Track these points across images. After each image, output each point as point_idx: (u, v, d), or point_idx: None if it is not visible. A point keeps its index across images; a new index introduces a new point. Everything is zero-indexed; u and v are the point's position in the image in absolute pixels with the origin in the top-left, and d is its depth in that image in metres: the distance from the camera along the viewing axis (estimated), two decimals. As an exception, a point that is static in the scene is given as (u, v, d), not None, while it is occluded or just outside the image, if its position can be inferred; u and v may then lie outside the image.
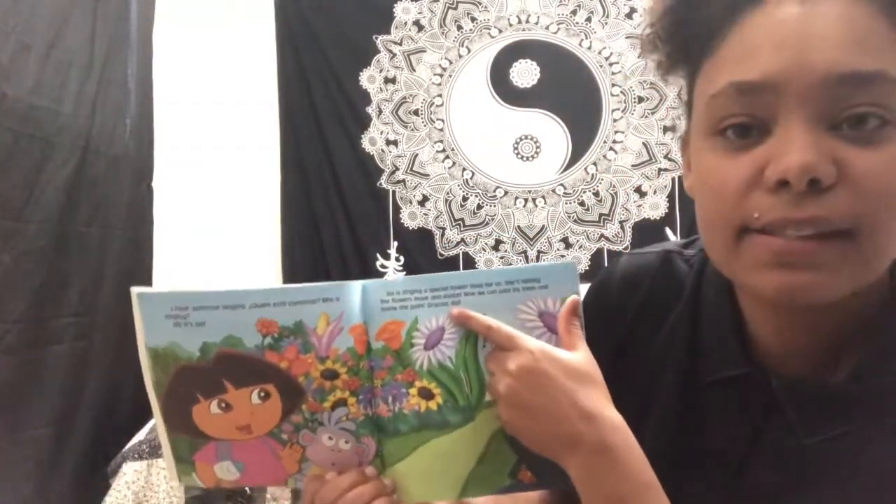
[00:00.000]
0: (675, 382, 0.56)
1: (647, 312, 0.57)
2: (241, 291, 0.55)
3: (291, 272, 2.40)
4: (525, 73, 2.38)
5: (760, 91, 0.43)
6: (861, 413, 0.46)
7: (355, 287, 0.57)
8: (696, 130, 0.48)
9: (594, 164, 2.37)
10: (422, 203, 2.43)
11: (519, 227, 2.41)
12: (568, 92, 2.37)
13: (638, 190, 2.36)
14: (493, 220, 2.41)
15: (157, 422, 0.60)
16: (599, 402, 0.50)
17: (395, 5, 2.42)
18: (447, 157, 2.42)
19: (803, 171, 0.41)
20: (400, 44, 2.42)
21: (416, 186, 2.43)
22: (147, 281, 2.06)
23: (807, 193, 0.41)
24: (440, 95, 2.42)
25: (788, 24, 0.42)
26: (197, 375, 0.56)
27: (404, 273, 2.33)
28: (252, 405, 0.57)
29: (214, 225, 2.29)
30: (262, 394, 0.57)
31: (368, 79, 2.43)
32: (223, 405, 0.57)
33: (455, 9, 2.41)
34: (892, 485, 0.44)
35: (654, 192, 2.35)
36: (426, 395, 0.57)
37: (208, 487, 0.61)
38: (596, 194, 2.38)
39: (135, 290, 0.55)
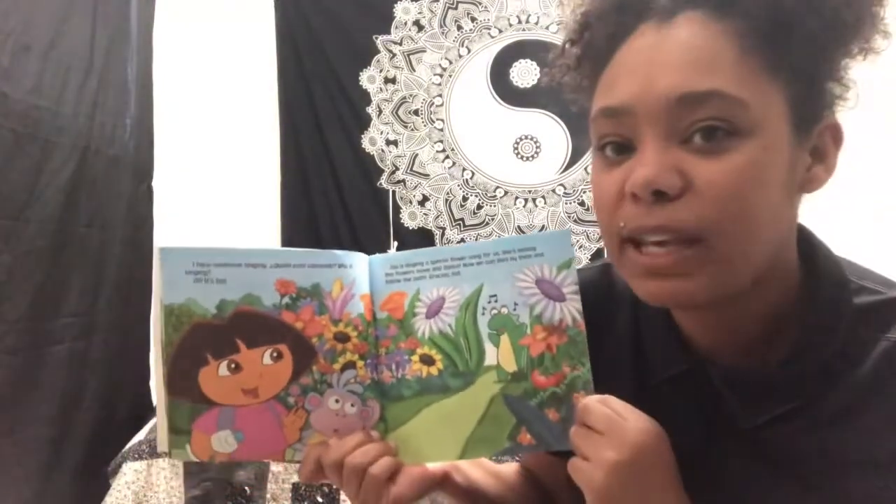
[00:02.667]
0: (628, 388, 0.57)
1: (595, 324, 0.58)
2: (264, 251, 0.58)
3: (291, 272, 2.40)
4: (525, 73, 2.38)
5: (621, 114, 0.48)
6: (796, 393, 0.50)
7: (364, 259, 0.62)
8: (591, 148, 0.54)
9: (594, 164, 2.37)
10: (422, 203, 2.43)
11: (519, 227, 2.41)
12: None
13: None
14: (493, 220, 2.41)
15: (157, 387, 0.59)
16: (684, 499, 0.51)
17: (395, 5, 2.42)
18: (447, 157, 2.42)
19: (646, 185, 0.45)
20: (400, 44, 2.42)
21: (416, 186, 2.43)
22: (147, 281, 2.07)
23: (656, 203, 0.46)
24: (440, 95, 2.42)
25: (642, 53, 0.47)
26: (210, 333, 0.57)
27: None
28: (262, 366, 0.58)
29: (214, 225, 2.29)
30: (275, 354, 0.58)
31: (368, 79, 2.42)
32: (233, 366, 0.58)
33: (455, 9, 2.41)
34: (835, 460, 0.47)
35: (654, 192, 2.35)
36: (427, 361, 0.60)
37: (200, 461, 0.59)
38: (596, 194, 2.37)
39: (158, 246, 0.57)
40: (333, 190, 2.42)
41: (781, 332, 0.51)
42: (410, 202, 2.42)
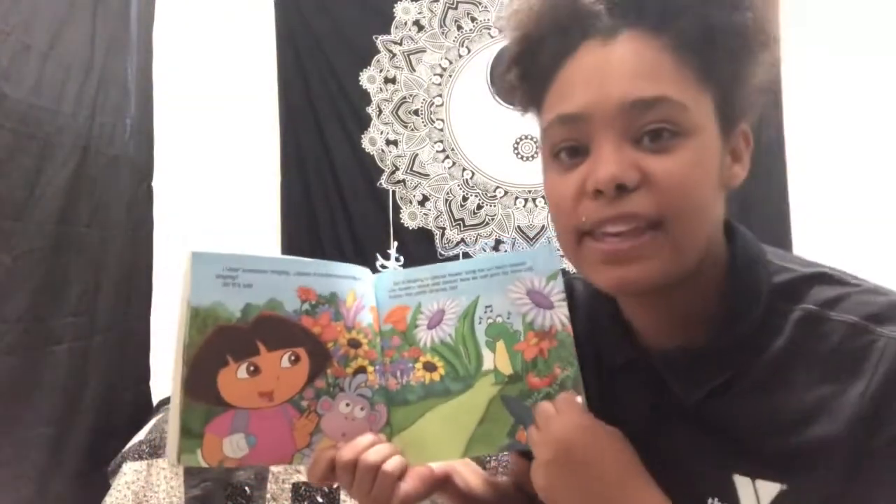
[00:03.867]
0: (592, 380, 0.64)
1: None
2: (288, 259, 0.63)
3: (291, 272, 2.40)
4: (525, 73, 2.38)
5: (577, 120, 0.53)
6: (725, 366, 0.55)
7: (369, 274, 0.67)
8: (543, 156, 0.59)
9: (594, 164, 2.37)
10: (422, 203, 2.43)
11: (519, 227, 2.41)
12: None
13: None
14: (493, 220, 2.41)
15: (173, 389, 0.59)
16: (646, 478, 0.56)
17: (395, 5, 2.42)
18: (447, 157, 2.42)
19: (611, 180, 0.51)
20: (400, 44, 2.42)
21: (416, 186, 2.43)
22: (147, 281, 2.07)
23: (617, 196, 0.52)
24: (440, 95, 2.42)
25: (593, 65, 0.53)
26: (233, 336, 0.59)
27: (404, 273, 2.33)
28: (280, 369, 0.61)
29: (214, 225, 2.29)
30: (293, 357, 0.61)
31: (368, 79, 2.42)
32: (252, 368, 0.60)
33: (455, 9, 2.41)
34: (769, 419, 0.52)
35: (654, 192, 2.35)
36: (430, 367, 0.66)
37: (208, 466, 0.60)
38: (596, 194, 2.37)
39: (190, 250, 0.60)
40: (333, 190, 2.42)
41: (712, 315, 0.57)
42: (410, 202, 2.42)
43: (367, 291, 0.66)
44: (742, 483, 0.53)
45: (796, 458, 0.50)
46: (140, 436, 1.75)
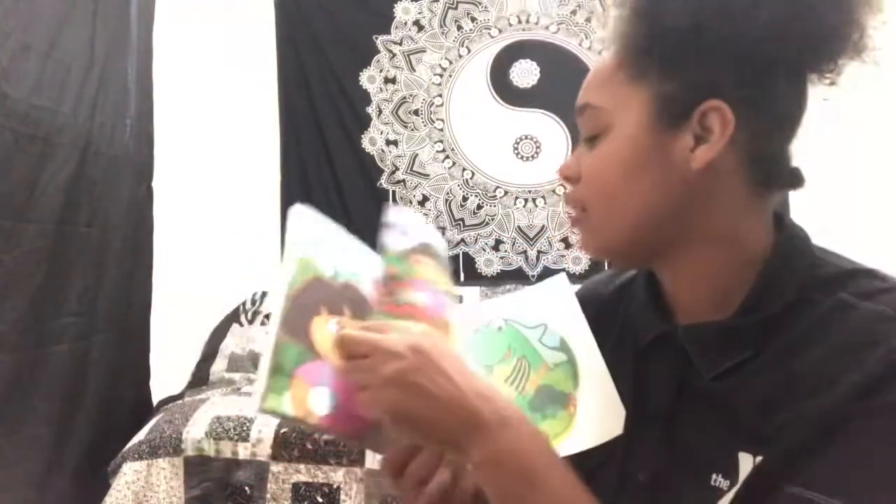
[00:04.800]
0: (628, 356, 0.65)
1: (607, 310, 0.70)
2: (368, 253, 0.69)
3: (291, 272, 2.40)
4: (525, 73, 2.38)
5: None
6: (747, 344, 0.55)
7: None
8: None
9: (594, 164, 2.37)
10: (422, 203, 2.43)
11: (519, 227, 2.41)
12: (568, 92, 2.32)
13: None
14: (493, 220, 2.41)
15: (271, 326, 0.57)
16: (486, 380, 0.57)
17: (395, 5, 2.42)
18: (447, 157, 2.42)
19: (559, 172, 0.63)
20: (400, 44, 2.42)
21: (416, 186, 2.43)
22: (147, 281, 2.07)
23: (568, 183, 0.63)
24: (440, 95, 2.42)
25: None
26: (327, 290, 0.61)
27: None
28: None
29: (214, 225, 2.29)
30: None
31: (368, 79, 2.43)
32: (339, 326, 0.59)
33: (455, 9, 2.41)
34: (779, 397, 0.52)
35: (654, 192, 2.35)
36: None
37: (292, 418, 0.56)
38: (596, 194, 2.37)
39: (297, 206, 0.64)
40: (333, 190, 2.42)
41: (745, 296, 0.57)
42: (410, 202, 2.42)
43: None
44: (745, 459, 0.53)
45: (788, 430, 0.50)
46: (140, 436, 1.75)
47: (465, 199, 2.41)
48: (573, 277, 2.00)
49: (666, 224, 0.58)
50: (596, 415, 0.64)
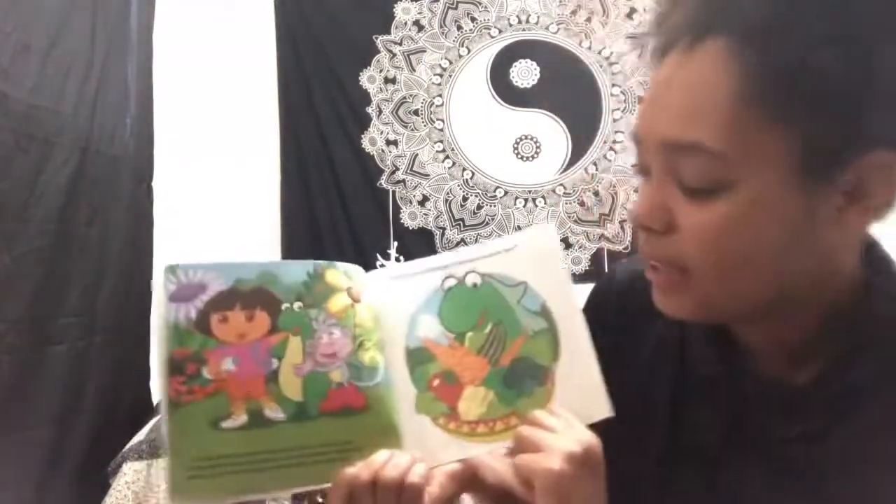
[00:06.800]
0: (666, 382, 0.58)
1: (642, 315, 0.58)
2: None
3: (291, 272, 2.40)
4: (525, 73, 2.38)
5: (637, 141, 0.50)
6: (826, 412, 0.49)
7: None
8: None
9: (594, 164, 2.37)
10: (422, 203, 2.43)
11: (519, 227, 2.41)
12: (568, 92, 2.36)
13: (638, 190, 2.35)
14: (493, 220, 2.41)
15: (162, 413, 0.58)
16: None
17: (395, 5, 2.42)
18: (447, 157, 2.42)
19: (635, 220, 0.50)
20: (400, 44, 2.42)
21: (416, 186, 2.43)
22: (147, 281, 2.06)
23: (649, 234, 0.49)
24: (440, 95, 2.42)
25: (655, 86, 0.49)
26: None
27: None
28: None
29: (214, 225, 2.29)
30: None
31: (368, 79, 2.43)
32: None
33: (455, 9, 2.41)
34: (858, 481, 0.47)
35: (654, 192, 2.35)
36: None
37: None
38: (596, 194, 2.37)
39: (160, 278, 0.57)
40: (333, 190, 2.42)
41: (820, 345, 0.50)
42: (410, 202, 2.42)
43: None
44: None
45: None
46: (140, 436, 1.75)
47: (465, 199, 2.41)
48: (573, 278, 1.99)
49: (785, 287, 0.48)
50: (576, 394, 0.58)
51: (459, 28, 2.41)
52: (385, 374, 0.59)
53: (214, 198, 2.32)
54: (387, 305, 0.61)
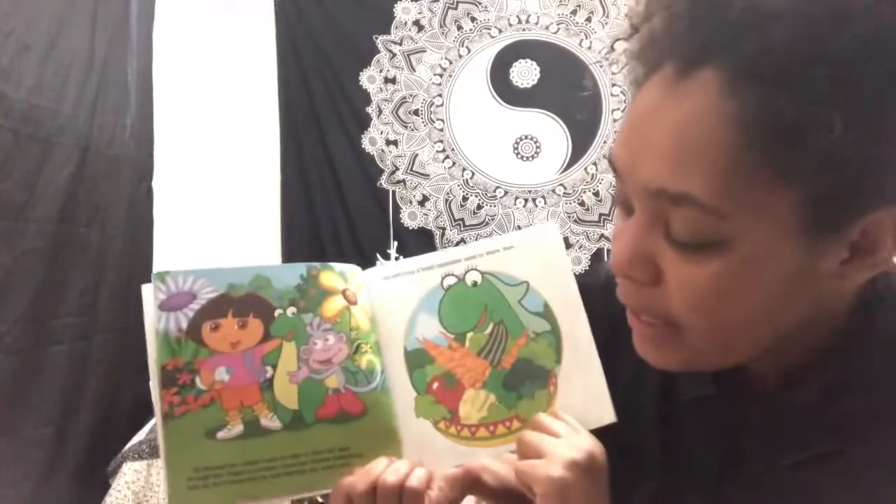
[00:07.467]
0: (654, 397, 0.56)
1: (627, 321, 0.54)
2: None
3: (291, 272, 2.40)
4: (525, 73, 2.38)
5: (618, 173, 0.44)
6: (832, 436, 0.46)
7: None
8: None
9: (594, 164, 2.37)
10: (422, 203, 2.43)
11: (519, 227, 2.40)
12: (568, 92, 2.36)
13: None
14: (493, 220, 2.41)
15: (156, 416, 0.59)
16: None
17: (395, 5, 2.42)
18: (447, 157, 2.42)
19: (617, 270, 0.44)
20: (400, 44, 2.42)
21: (416, 186, 2.43)
22: (147, 281, 2.06)
23: (631, 282, 0.45)
24: (440, 95, 2.42)
25: (639, 115, 0.43)
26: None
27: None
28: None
29: (214, 225, 2.29)
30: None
31: (368, 79, 2.42)
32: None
33: (455, 9, 2.41)
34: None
35: (654, 192, 2.35)
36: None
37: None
38: (596, 194, 2.38)
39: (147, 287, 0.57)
40: (333, 190, 2.42)
41: (821, 363, 0.47)
42: (410, 202, 2.42)
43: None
44: None
45: None
46: (140, 436, 1.75)
47: (465, 199, 2.41)
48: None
49: (780, 334, 0.45)
50: (579, 398, 0.56)
51: (459, 28, 2.41)
52: (383, 377, 0.58)
53: (214, 198, 2.32)
54: (384, 305, 0.60)
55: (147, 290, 0.56)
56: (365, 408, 0.56)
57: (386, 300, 0.60)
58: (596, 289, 0.61)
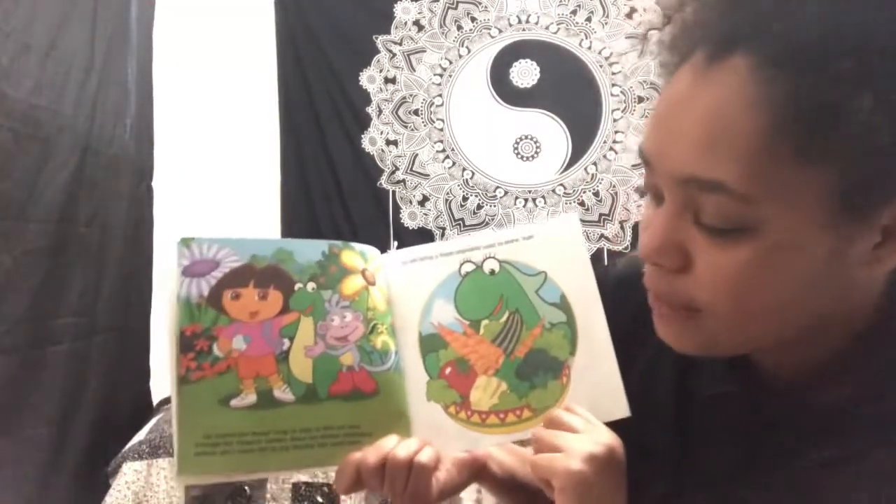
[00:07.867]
0: (670, 392, 0.55)
1: (641, 317, 0.53)
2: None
3: (291, 272, 2.40)
4: (525, 73, 2.38)
5: (648, 164, 0.45)
6: (857, 437, 0.45)
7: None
8: None
9: (594, 164, 2.37)
10: (422, 203, 2.43)
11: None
12: (568, 92, 2.36)
13: (638, 190, 2.35)
14: (493, 220, 2.41)
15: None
16: None
17: (395, 5, 2.42)
18: (447, 157, 2.42)
19: (646, 257, 0.45)
20: (400, 44, 2.42)
21: (416, 186, 2.43)
22: (147, 281, 2.07)
23: (658, 269, 0.45)
24: (440, 95, 2.42)
25: (670, 104, 0.43)
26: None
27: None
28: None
29: (214, 225, 2.29)
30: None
31: (368, 79, 2.42)
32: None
33: (455, 9, 2.41)
34: None
35: (654, 192, 2.35)
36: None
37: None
38: (596, 194, 2.38)
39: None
40: (333, 190, 2.42)
41: (845, 363, 0.46)
42: (410, 202, 2.42)
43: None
44: None
45: None
46: (140, 436, 1.75)
47: (465, 199, 2.41)
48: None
49: (805, 324, 0.45)
50: (592, 391, 0.56)
51: (459, 28, 2.41)
52: (397, 359, 0.58)
53: (214, 198, 2.32)
54: (401, 288, 0.60)
55: (172, 255, 0.58)
56: (377, 387, 0.57)
57: (403, 283, 0.60)
58: (607, 285, 0.60)
